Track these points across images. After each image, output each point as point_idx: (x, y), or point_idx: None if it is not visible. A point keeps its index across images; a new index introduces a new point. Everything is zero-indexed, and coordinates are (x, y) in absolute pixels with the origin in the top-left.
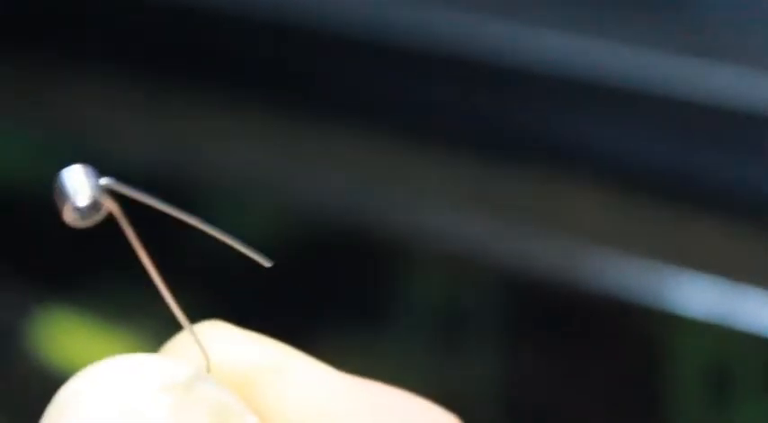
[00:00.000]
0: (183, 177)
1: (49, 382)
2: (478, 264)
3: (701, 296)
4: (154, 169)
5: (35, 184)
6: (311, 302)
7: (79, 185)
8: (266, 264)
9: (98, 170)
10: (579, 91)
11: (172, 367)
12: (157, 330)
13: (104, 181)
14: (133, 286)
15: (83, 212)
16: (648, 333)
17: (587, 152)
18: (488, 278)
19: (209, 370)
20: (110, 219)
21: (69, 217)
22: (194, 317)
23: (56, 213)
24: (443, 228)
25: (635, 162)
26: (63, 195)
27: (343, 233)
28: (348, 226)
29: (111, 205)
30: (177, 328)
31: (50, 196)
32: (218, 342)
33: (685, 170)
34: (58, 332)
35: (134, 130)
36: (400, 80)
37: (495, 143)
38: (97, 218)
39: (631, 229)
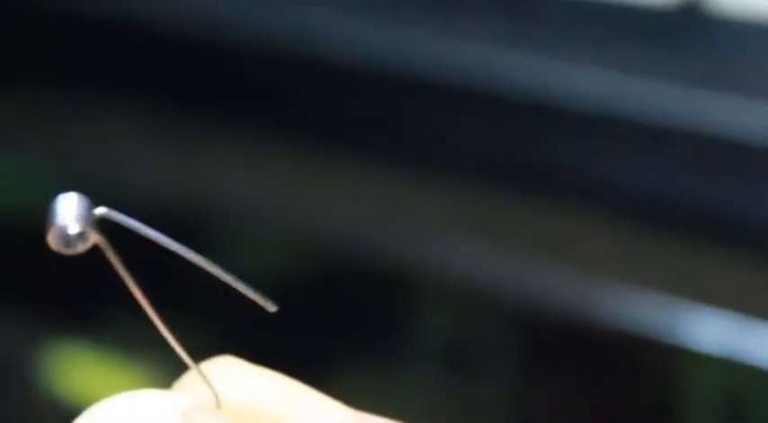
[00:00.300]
0: (194, 208)
1: (60, 417)
2: (490, 296)
3: (714, 331)
4: (164, 199)
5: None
6: (320, 334)
7: (70, 213)
8: (271, 308)
9: (109, 200)
10: (593, 123)
11: (182, 403)
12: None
13: (100, 211)
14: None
15: (67, 240)
16: (661, 367)
17: (601, 185)
18: (500, 311)
19: (219, 406)
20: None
21: (53, 243)
22: (202, 350)
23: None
24: (454, 260)
25: (649, 195)
26: (52, 220)
27: (353, 266)
28: (358, 258)
29: (97, 238)
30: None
31: None
32: (229, 378)
33: (699, 204)
34: (70, 365)
35: (146, 160)
36: (411, 112)
37: (507, 176)
38: (81, 248)
39: (644, 262)
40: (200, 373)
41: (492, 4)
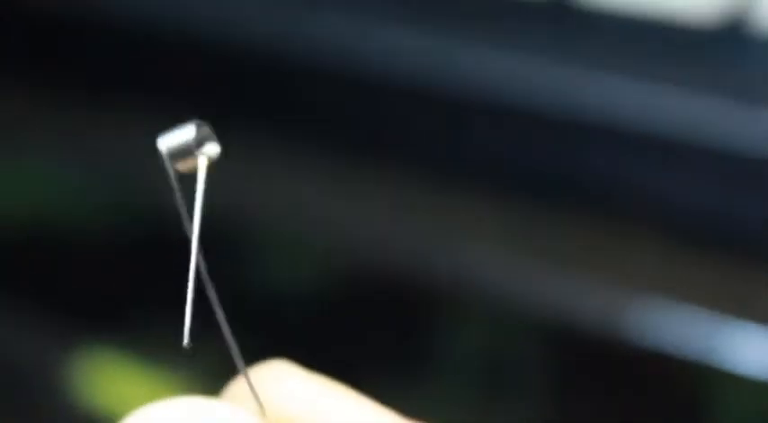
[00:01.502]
0: (228, 219)
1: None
2: (523, 311)
3: (751, 349)
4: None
5: (78, 222)
6: (347, 348)
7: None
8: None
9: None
10: (628, 137)
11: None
12: (201, 370)
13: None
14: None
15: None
16: (694, 386)
17: (638, 200)
18: (533, 326)
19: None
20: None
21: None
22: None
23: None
24: (488, 274)
25: (686, 210)
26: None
27: (381, 278)
28: (391, 272)
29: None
30: (222, 367)
31: (92, 233)
32: (281, 383)
33: (735, 220)
34: (96, 371)
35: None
36: (449, 125)
37: (540, 188)
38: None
39: (682, 278)
40: (249, 382)
41: (532, 17)
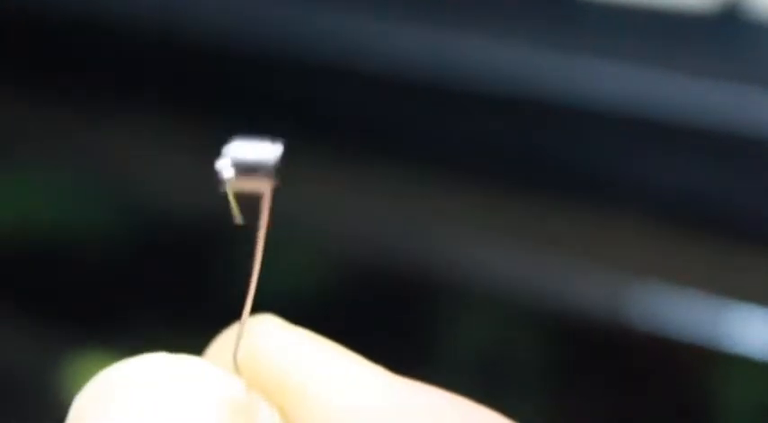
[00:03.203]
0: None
1: None
2: (523, 302)
3: (753, 332)
4: (193, 212)
5: (73, 228)
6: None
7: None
8: None
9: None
10: (627, 124)
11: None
12: None
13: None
14: (170, 330)
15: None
16: (700, 372)
17: (634, 186)
18: (533, 317)
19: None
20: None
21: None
22: None
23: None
24: (486, 266)
25: (684, 195)
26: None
27: (383, 273)
28: (389, 266)
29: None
30: None
31: (88, 239)
32: (269, 336)
33: (735, 203)
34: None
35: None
36: (444, 117)
37: (538, 179)
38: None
39: (681, 264)
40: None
41: (530, 7)
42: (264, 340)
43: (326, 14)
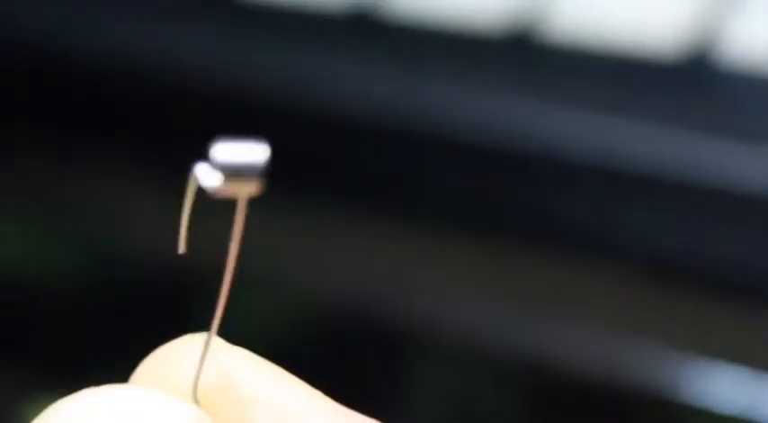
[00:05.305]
0: (197, 264)
1: None
2: (495, 353)
3: (723, 387)
4: (169, 260)
5: (39, 274)
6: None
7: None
8: None
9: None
10: (606, 177)
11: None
12: None
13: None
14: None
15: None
16: None
17: (610, 239)
18: (508, 368)
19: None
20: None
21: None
22: None
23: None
24: (464, 317)
25: (658, 249)
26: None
27: (356, 321)
28: (361, 314)
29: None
30: None
31: (47, 285)
32: (209, 358)
33: (709, 257)
34: None
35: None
36: (417, 167)
37: (518, 231)
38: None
39: (657, 318)
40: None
41: (495, 53)
42: (207, 363)
43: (304, 60)
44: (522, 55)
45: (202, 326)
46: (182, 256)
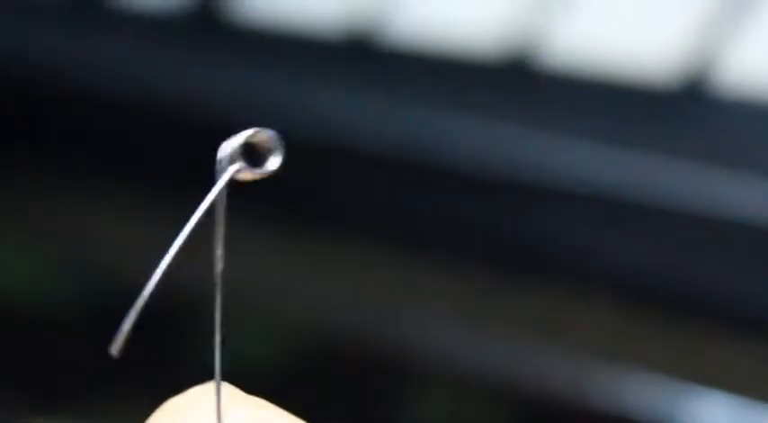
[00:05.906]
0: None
1: None
2: (485, 381)
3: (715, 416)
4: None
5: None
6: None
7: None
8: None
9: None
10: (591, 203)
11: None
12: None
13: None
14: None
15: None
16: None
17: (600, 267)
18: (495, 395)
19: None
20: None
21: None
22: None
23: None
24: (449, 344)
25: (649, 277)
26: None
27: (348, 351)
28: (353, 342)
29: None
30: None
31: (42, 311)
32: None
33: (702, 287)
34: None
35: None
36: (410, 195)
37: (504, 259)
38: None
39: (644, 346)
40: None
41: (489, 81)
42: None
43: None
44: (516, 82)
45: (199, 355)
46: (179, 283)
